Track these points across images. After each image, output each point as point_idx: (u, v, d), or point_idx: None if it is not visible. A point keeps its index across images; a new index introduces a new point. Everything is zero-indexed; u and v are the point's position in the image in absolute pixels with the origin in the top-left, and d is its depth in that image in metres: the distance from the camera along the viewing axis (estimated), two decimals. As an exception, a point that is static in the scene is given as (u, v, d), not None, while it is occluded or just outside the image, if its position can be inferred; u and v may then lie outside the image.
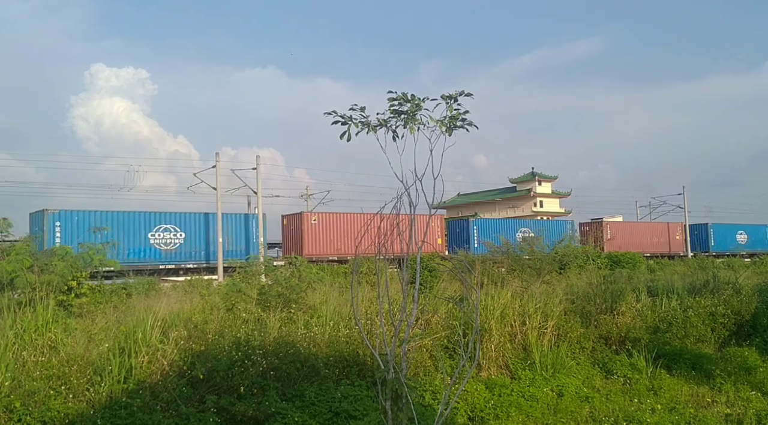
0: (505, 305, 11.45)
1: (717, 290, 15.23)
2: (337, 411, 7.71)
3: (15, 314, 8.83)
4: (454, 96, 4.96)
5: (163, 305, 10.14)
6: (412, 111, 4.97)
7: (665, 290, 15.15)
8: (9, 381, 7.02)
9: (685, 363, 11.36)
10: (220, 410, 7.31)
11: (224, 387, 7.80)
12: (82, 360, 7.83)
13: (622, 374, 10.91)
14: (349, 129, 5.01)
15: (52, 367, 7.52)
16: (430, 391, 8.88)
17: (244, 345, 8.48)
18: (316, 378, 8.46)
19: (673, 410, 9.12)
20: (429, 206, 5.05)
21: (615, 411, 8.97)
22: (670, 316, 13.47)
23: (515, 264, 21.04)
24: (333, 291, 13.24)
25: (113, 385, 7.49)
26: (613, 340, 12.44)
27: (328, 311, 11.08)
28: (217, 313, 10.82)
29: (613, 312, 13.26)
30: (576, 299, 13.91)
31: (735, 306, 13.94)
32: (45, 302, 9.60)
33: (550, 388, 9.76)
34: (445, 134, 5.04)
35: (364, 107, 5.04)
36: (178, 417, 7.00)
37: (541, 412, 8.91)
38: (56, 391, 7.09)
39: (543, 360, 10.56)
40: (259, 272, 16.46)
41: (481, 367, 10.24)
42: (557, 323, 11.68)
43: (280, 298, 11.52)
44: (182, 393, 7.41)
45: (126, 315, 10.11)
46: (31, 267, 11.99)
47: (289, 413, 7.37)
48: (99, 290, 13.71)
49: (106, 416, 6.73)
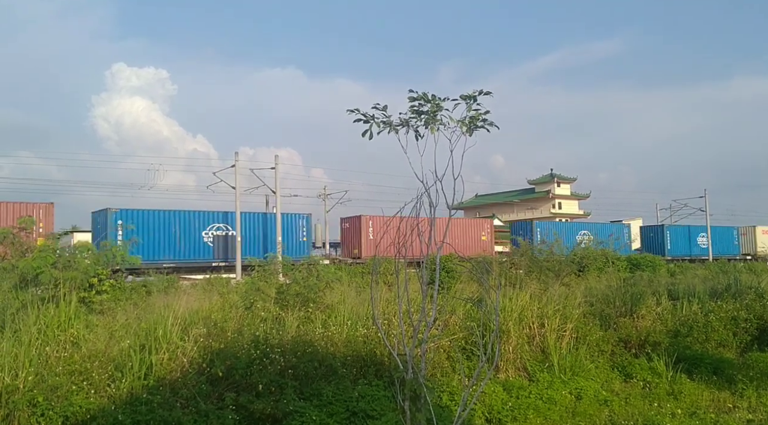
0: (524, 307, 11.39)
1: (739, 294, 15.02)
2: (354, 410, 7.72)
3: (38, 310, 8.97)
4: (473, 96, 4.93)
5: (183, 303, 10.24)
6: (433, 111, 4.96)
7: (686, 294, 14.98)
8: (32, 375, 7.13)
9: (706, 367, 11.22)
10: (239, 407, 7.35)
11: (243, 384, 7.85)
12: (103, 356, 7.93)
13: (642, 378, 10.81)
14: (371, 127, 5.02)
15: (74, 363, 7.63)
16: (448, 392, 8.87)
17: (262, 343, 8.53)
18: (334, 377, 8.48)
19: (694, 415, 9.01)
20: (449, 207, 5.05)
21: (634, 415, 8.88)
22: (690, 320, 13.33)
23: (533, 266, 20.95)
24: (350, 291, 13.28)
25: (134, 381, 7.57)
26: (633, 343, 12.33)
27: (345, 311, 11.10)
28: (236, 311, 10.91)
29: (632, 315, 13.14)
30: (595, 302, 13.81)
31: (758, 311, 13.75)
32: (68, 298, 9.74)
33: (568, 391, 9.69)
34: (465, 135, 5.03)
35: (386, 106, 5.05)
36: (198, 414, 7.06)
37: (559, 415, 8.85)
38: (78, 386, 7.18)
39: (561, 363, 10.50)
40: (277, 272, 16.55)
41: (499, 369, 10.20)
42: (576, 325, 11.59)
43: (298, 297, 11.58)
44: (202, 390, 7.47)
45: (146, 312, 10.23)
46: (55, 264, 12.18)
47: (307, 412, 7.39)
48: (119, 288, 13.89)
49: (126, 412, 6.80)
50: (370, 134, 5.02)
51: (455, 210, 5.11)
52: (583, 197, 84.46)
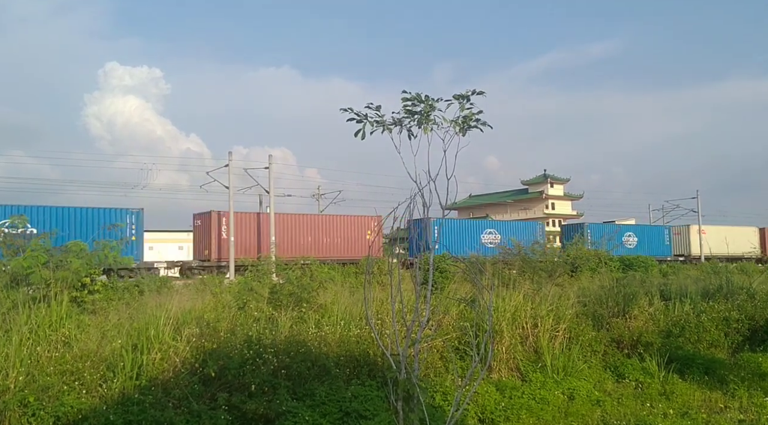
0: (517, 307, 11.41)
1: (731, 295, 15.09)
2: (347, 410, 7.71)
3: (30, 310, 8.91)
4: (466, 95, 4.92)
5: (175, 303, 10.20)
6: (426, 111, 4.96)
7: (678, 295, 15.04)
8: (23, 375, 7.08)
9: (698, 368, 11.26)
10: (232, 408, 7.33)
11: (236, 384, 7.83)
12: (95, 355, 7.89)
13: (634, 378, 10.84)
14: (364, 127, 5.01)
15: (65, 362, 7.58)
16: (441, 392, 8.86)
17: (255, 343, 8.51)
18: (327, 377, 8.47)
19: (686, 415, 9.04)
20: (442, 207, 5.04)
21: (627, 415, 8.91)
22: (683, 320, 13.37)
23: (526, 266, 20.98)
24: (344, 291, 13.26)
25: (126, 381, 7.53)
26: (625, 344, 12.37)
27: (338, 311, 11.09)
28: (228, 311, 10.87)
29: (625, 316, 13.18)
30: (588, 303, 13.84)
31: (749, 311, 13.82)
32: (59, 298, 9.69)
33: (561, 391, 9.71)
34: (458, 135, 5.02)
35: (379, 106, 5.03)
36: (190, 414, 7.03)
37: (551, 415, 8.87)
38: (70, 386, 7.14)
39: (554, 363, 10.51)
40: (270, 272, 16.52)
41: (492, 369, 10.20)
42: (569, 326, 11.62)
43: (291, 297, 11.55)
44: (194, 391, 7.44)
45: (138, 312, 10.18)
46: (46, 264, 12.09)
47: (300, 412, 7.38)
48: (112, 287, 13.82)
49: (118, 412, 6.76)
50: (363, 133, 5.00)
51: (449, 210, 5.10)
52: (576, 197, 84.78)
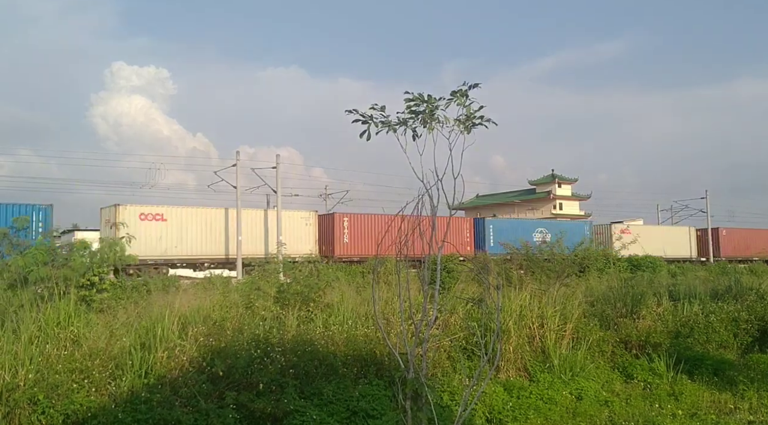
0: (524, 307, 11.38)
1: (740, 295, 15.00)
2: (355, 409, 7.71)
3: (37, 308, 8.96)
4: (464, 92, 4.88)
5: (183, 302, 10.23)
6: (429, 111, 4.95)
7: (687, 295, 14.97)
8: (33, 373, 7.11)
9: (707, 368, 11.20)
10: (240, 406, 7.34)
11: (243, 383, 7.84)
12: (104, 354, 7.92)
13: (642, 378, 10.80)
14: (369, 128, 5.01)
15: (74, 361, 7.61)
16: (448, 392, 8.86)
17: (263, 342, 8.52)
18: (334, 376, 8.47)
19: (695, 416, 9.00)
20: (449, 207, 5.03)
21: (635, 415, 8.86)
22: (691, 321, 13.31)
23: (533, 266, 20.91)
24: (351, 290, 13.28)
25: (134, 380, 7.56)
26: (633, 344, 12.31)
27: (346, 310, 11.10)
28: (236, 310, 10.90)
29: (633, 316, 13.13)
30: (595, 302, 13.79)
31: (759, 312, 13.73)
32: (67, 296, 9.74)
33: (569, 391, 9.69)
34: (463, 133, 5.00)
35: (384, 106, 5.03)
36: (198, 413, 7.04)
37: (559, 415, 8.85)
38: (79, 384, 7.17)
39: (562, 363, 10.48)
40: (277, 271, 16.56)
41: (500, 369, 10.18)
42: (576, 326, 11.58)
43: (298, 296, 11.58)
44: (202, 389, 7.45)
45: (146, 311, 10.22)
46: (47, 262, 12.15)
47: (308, 411, 7.38)
48: (120, 286, 13.90)
49: (127, 410, 6.79)
50: (368, 134, 5.00)
51: (455, 210, 5.09)
52: (584, 197, 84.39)
